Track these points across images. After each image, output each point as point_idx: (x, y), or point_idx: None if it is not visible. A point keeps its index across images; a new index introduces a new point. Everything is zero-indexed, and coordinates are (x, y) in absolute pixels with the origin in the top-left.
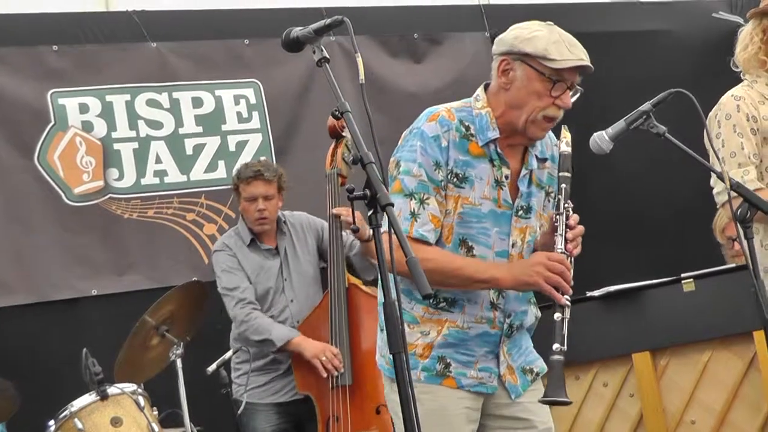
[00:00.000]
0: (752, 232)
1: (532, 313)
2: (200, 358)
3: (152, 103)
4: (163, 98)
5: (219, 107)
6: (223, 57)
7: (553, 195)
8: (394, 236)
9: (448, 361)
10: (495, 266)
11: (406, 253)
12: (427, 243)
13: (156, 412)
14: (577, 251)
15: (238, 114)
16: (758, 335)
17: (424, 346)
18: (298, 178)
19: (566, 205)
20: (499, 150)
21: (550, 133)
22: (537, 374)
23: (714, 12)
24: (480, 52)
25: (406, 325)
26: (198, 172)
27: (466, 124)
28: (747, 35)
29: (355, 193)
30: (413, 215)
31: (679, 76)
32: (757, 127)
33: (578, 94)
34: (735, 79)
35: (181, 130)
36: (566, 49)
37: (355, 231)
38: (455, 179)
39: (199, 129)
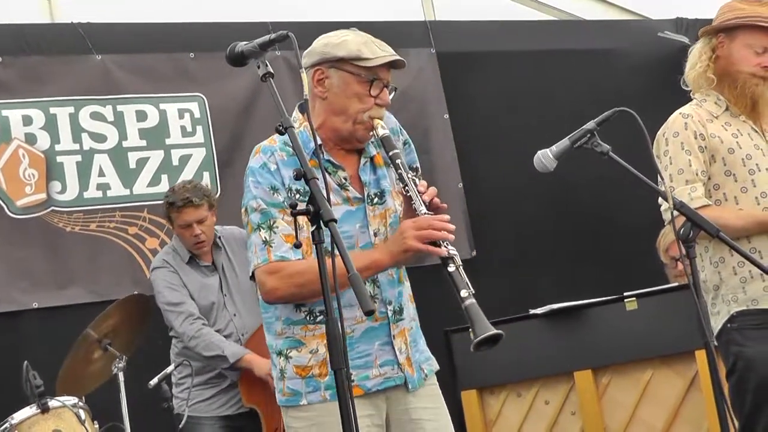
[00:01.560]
0: (695, 252)
1: (405, 294)
2: (142, 371)
3: (96, 116)
4: (107, 111)
5: (163, 121)
6: (168, 70)
7: (398, 187)
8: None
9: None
10: (370, 251)
11: (348, 270)
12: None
13: (97, 426)
14: (442, 208)
15: (182, 128)
16: (700, 354)
17: (318, 364)
18: (241, 193)
19: (409, 175)
20: (326, 156)
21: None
22: (426, 375)
23: (660, 31)
24: (425, 68)
25: (294, 350)
26: (141, 186)
27: (290, 144)
28: (696, 53)
29: (298, 209)
30: (266, 243)
31: (625, 95)
32: (705, 144)
33: (395, 92)
34: (682, 98)
35: (124, 144)
36: (377, 48)
37: (298, 246)
38: (298, 195)
39: (143, 143)
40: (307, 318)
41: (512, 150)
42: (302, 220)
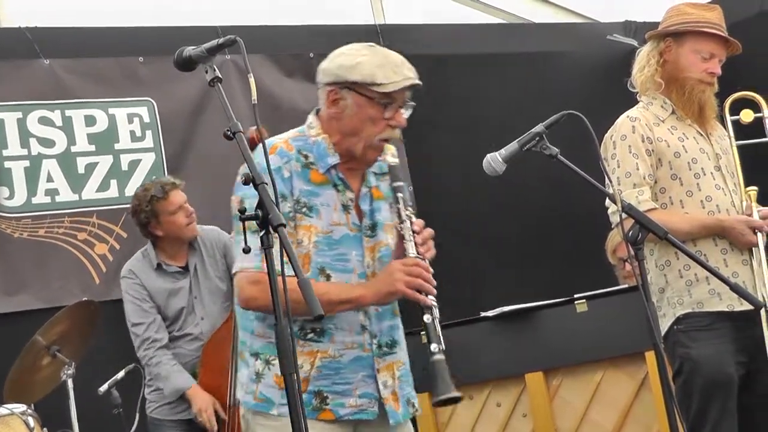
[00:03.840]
0: (643, 254)
1: (400, 329)
2: (92, 378)
3: (44, 121)
4: (56, 116)
5: (112, 126)
6: (117, 75)
7: (395, 223)
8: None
9: (325, 394)
10: (356, 286)
11: (297, 275)
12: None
13: None
14: (430, 254)
15: (132, 133)
16: (649, 356)
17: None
18: (191, 197)
19: (407, 212)
20: (340, 175)
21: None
22: (417, 410)
23: (609, 35)
24: None
25: (278, 361)
26: (90, 191)
27: (305, 153)
28: (644, 57)
29: (246, 214)
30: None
31: (575, 98)
32: (652, 148)
33: (411, 110)
34: (630, 101)
35: (73, 149)
36: (392, 72)
37: (247, 251)
38: (304, 209)
39: (92, 148)
40: (298, 333)
41: (462, 152)
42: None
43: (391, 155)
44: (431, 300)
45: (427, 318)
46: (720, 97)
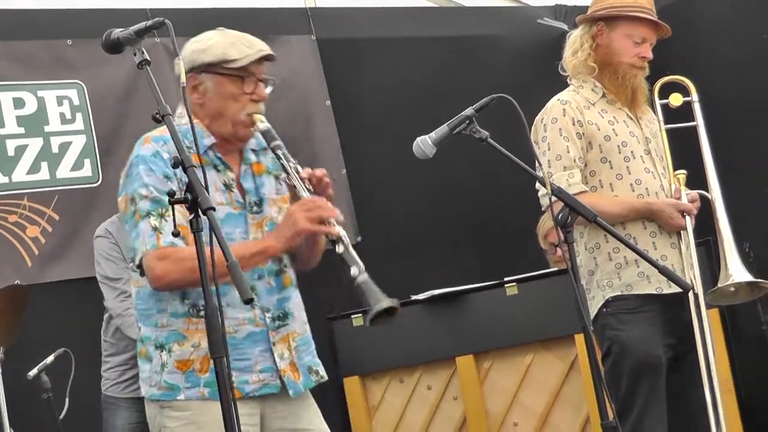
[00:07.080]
0: (573, 237)
1: (292, 300)
2: (21, 362)
3: None
4: None
5: (41, 108)
6: (45, 57)
7: (281, 178)
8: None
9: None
10: (262, 240)
11: (226, 257)
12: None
13: None
14: (329, 192)
15: (62, 115)
16: (579, 338)
17: (200, 359)
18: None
19: (291, 164)
20: (218, 154)
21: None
22: (321, 377)
23: (539, 18)
24: (306, 55)
25: (176, 344)
26: (20, 174)
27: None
28: (577, 40)
29: (175, 197)
30: (155, 230)
31: (506, 81)
32: (582, 131)
33: (271, 86)
34: (561, 85)
35: (2, 131)
36: (244, 47)
37: (176, 235)
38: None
39: (21, 130)
40: (191, 311)
41: (395, 136)
42: None
43: (261, 121)
44: (337, 230)
45: (339, 248)
46: (650, 81)
